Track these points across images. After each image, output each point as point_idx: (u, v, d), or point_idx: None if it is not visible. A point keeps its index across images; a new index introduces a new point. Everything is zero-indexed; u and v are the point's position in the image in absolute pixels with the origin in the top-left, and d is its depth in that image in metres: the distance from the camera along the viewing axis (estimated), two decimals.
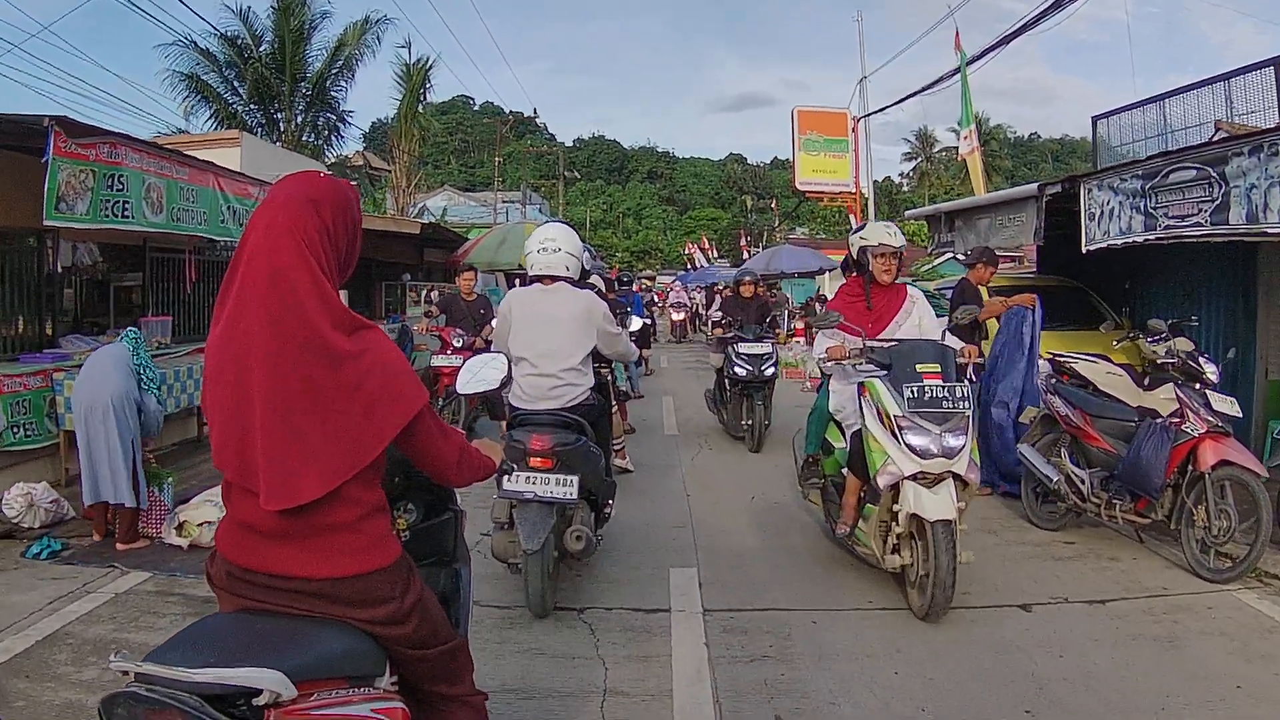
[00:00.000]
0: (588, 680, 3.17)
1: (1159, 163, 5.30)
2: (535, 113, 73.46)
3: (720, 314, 8.62)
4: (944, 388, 3.76)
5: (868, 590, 4.12)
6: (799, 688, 3.13)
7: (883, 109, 25.37)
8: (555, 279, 4.10)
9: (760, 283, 9.53)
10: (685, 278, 31.44)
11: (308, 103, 19.33)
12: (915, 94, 17.99)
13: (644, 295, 21.18)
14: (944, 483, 3.67)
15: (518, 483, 3.65)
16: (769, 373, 7.71)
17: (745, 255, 32.98)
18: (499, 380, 2.50)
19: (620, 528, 4.97)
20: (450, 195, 42.30)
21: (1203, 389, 4.49)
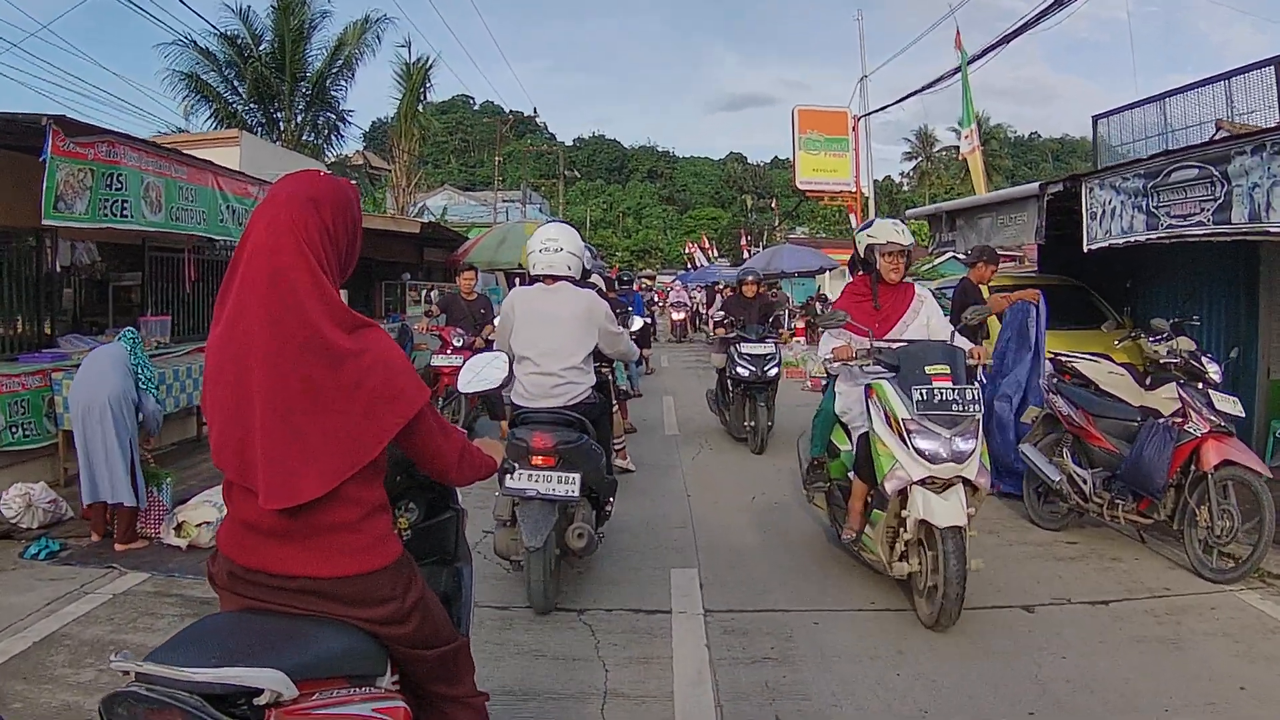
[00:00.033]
0: (588, 682, 3.15)
1: (1161, 162, 5.28)
2: (535, 112, 73.37)
3: (723, 313, 8.54)
4: (954, 390, 3.65)
5: (869, 591, 4.11)
6: (801, 689, 3.11)
7: (883, 108, 25.20)
8: (557, 278, 4.13)
9: (762, 282, 9.47)
10: (685, 277, 31.41)
11: (307, 102, 19.31)
12: (916, 93, 18.03)
13: (644, 295, 21.15)
14: (953, 488, 3.58)
15: (520, 480, 3.68)
16: (772, 373, 7.60)
17: (746, 255, 32.95)
18: (501, 379, 2.50)
19: (621, 528, 4.96)
20: (450, 194, 42.27)
21: (1205, 388, 4.47)
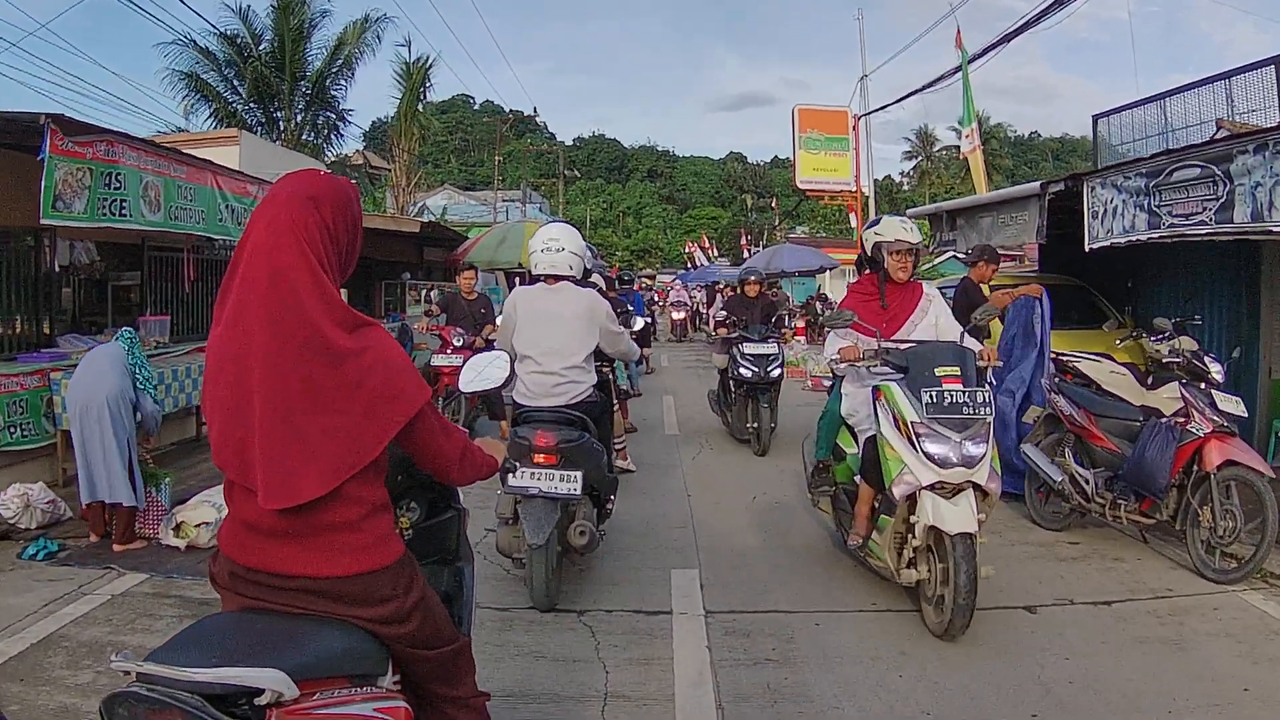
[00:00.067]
0: (588, 683, 3.14)
1: (1163, 161, 5.27)
2: (535, 112, 73.29)
3: (724, 313, 8.48)
4: (964, 393, 3.54)
5: (872, 592, 4.10)
6: (802, 691, 3.10)
7: (883, 107, 25.11)
8: (559, 278, 4.14)
9: (764, 281, 9.43)
10: (685, 276, 31.38)
11: (307, 101, 19.30)
12: (916, 92, 18.03)
13: (644, 294, 21.13)
14: (964, 493, 3.49)
15: (522, 478, 3.70)
16: (775, 374, 7.52)
17: (746, 254, 32.93)
18: (502, 379, 2.49)
19: (621, 528, 4.94)
20: (450, 194, 42.24)
21: (1208, 388, 4.46)
